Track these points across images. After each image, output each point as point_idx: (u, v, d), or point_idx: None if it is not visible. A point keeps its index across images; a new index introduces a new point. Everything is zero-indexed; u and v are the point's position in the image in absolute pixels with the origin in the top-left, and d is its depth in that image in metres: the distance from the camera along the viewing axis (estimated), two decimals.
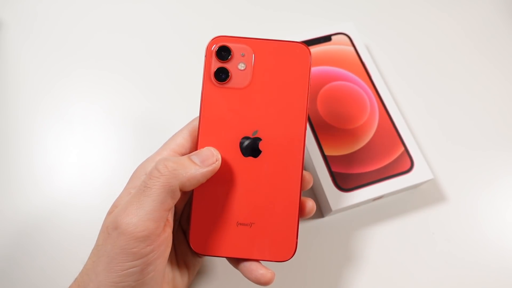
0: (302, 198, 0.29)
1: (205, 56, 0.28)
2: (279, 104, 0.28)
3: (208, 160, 0.27)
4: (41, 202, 0.40)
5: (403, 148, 0.39)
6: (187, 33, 0.49)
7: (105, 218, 0.26)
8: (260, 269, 0.27)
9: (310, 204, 0.30)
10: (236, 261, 0.29)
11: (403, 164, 0.38)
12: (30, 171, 0.41)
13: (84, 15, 0.49)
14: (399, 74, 0.47)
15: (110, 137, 0.43)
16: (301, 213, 0.29)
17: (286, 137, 0.28)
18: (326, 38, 0.43)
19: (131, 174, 0.28)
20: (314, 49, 0.43)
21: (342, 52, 0.43)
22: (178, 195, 0.25)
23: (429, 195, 0.41)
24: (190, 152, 0.29)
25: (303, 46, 0.28)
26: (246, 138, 0.28)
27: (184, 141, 0.28)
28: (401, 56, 0.48)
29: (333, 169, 0.38)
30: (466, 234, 0.39)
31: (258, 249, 0.28)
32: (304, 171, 0.29)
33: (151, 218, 0.24)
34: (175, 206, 0.29)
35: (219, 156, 0.27)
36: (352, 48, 0.43)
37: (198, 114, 0.29)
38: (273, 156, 0.28)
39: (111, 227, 0.24)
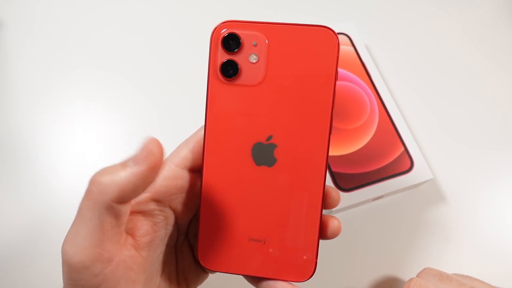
0: (326, 216, 0.25)
1: (210, 46, 0.24)
2: (298, 104, 0.24)
3: (140, 155, 0.20)
4: (41, 202, 0.40)
5: (403, 148, 0.39)
6: (187, 32, 0.49)
7: None
8: (284, 287, 0.25)
9: (336, 224, 0.25)
10: (256, 280, 0.26)
11: (403, 164, 0.38)
12: (30, 171, 0.41)
13: (84, 14, 0.49)
14: (399, 74, 0.47)
15: (110, 137, 0.43)
16: (324, 233, 0.25)
17: (305, 144, 0.24)
18: None
19: None
20: None
21: (342, 52, 0.43)
22: (120, 209, 0.21)
23: (429, 195, 0.41)
24: (195, 164, 0.26)
25: (328, 30, 0.23)
26: (259, 144, 0.25)
27: (188, 152, 0.26)
28: (401, 56, 0.48)
29: (333, 169, 0.38)
30: (465, 234, 0.39)
31: (272, 268, 0.25)
32: (331, 188, 0.26)
33: (90, 245, 0.20)
34: (179, 219, 0.26)
35: (158, 149, 0.21)
36: (352, 48, 0.43)
37: (201, 115, 0.27)
38: (290, 165, 0.24)
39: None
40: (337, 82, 0.41)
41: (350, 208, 0.38)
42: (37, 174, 0.41)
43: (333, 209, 0.36)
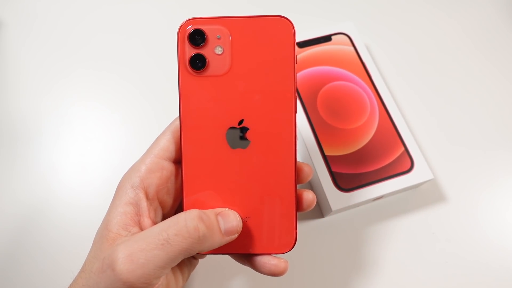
0: (301, 190, 0.28)
1: (177, 43, 0.26)
2: (264, 88, 0.26)
3: (233, 229, 0.25)
4: (41, 202, 0.40)
5: (403, 148, 0.39)
6: None
7: (99, 242, 0.24)
8: (272, 260, 0.27)
9: (310, 197, 0.27)
10: (244, 258, 0.28)
11: (403, 164, 0.38)
12: (30, 171, 0.41)
13: (84, 15, 0.49)
14: (399, 74, 0.47)
15: (110, 137, 0.43)
16: (300, 206, 0.28)
17: (274, 124, 0.26)
18: (326, 38, 0.43)
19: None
20: (314, 49, 0.43)
21: (342, 52, 0.43)
22: (192, 255, 0.24)
23: (429, 195, 0.41)
24: (175, 155, 0.27)
25: (283, 19, 0.26)
26: (232, 128, 0.26)
27: (168, 143, 0.27)
28: (401, 56, 0.48)
29: (333, 169, 0.38)
30: (466, 234, 0.39)
31: (257, 243, 0.27)
32: (303, 163, 0.28)
33: (157, 273, 0.23)
34: (165, 209, 0.28)
35: (241, 224, 0.26)
36: (352, 48, 0.43)
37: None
38: (262, 145, 0.26)
39: (108, 262, 0.22)
40: (337, 82, 0.41)
41: (350, 208, 0.38)
42: (37, 173, 0.41)
43: (333, 209, 0.36)
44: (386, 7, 0.51)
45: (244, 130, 0.26)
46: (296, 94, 0.26)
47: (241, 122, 0.26)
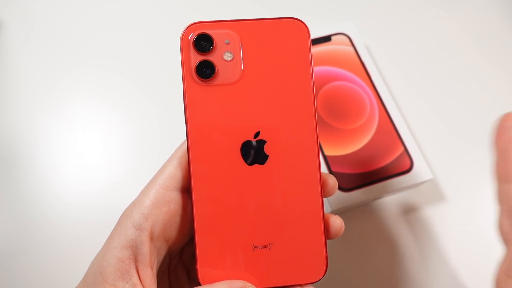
0: (328, 215, 0.25)
1: (181, 49, 0.23)
2: (280, 96, 0.24)
3: None
4: (41, 202, 0.40)
5: (402, 148, 0.39)
6: None
7: None
8: None
9: (338, 223, 0.24)
10: None
11: (402, 164, 0.38)
12: (30, 171, 0.41)
13: (84, 14, 0.49)
14: (399, 74, 0.47)
15: (111, 137, 0.43)
16: (327, 232, 0.25)
17: (294, 134, 0.24)
18: (326, 38, 0.43)
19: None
20: (314, 49, 0.43)
21: (342, 52, 0.43)
22: None
23: (429, 195, 0.41)
24: (183, 182, 0.24)
25: (297, 21, 0.24)
26: (248, 142, 0.24)
27: (174, 170, 0.24)
28: (401, 56, 0.48)
29: (333, 169, 0.38)
30: (465, 234, 0.39)
31: (283, 273, 0.24)
32: (327, 175, 0.25)
33: None
34: (172, 247, 0.25)
35: None
36: (351, 48, 0.43)
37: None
38: (282, 159, 0.24)
39: None
40: (337, 82, 0.41)
41: (350, 208, 0.38)
42: (37, 174, 0.41)
43: (333, 209, 0.36)
44: (386, 7, 0.51)
45: (261, 143, 0.24)
46: (315, 101, 0.24)
47: (257, 134, 0.24)
